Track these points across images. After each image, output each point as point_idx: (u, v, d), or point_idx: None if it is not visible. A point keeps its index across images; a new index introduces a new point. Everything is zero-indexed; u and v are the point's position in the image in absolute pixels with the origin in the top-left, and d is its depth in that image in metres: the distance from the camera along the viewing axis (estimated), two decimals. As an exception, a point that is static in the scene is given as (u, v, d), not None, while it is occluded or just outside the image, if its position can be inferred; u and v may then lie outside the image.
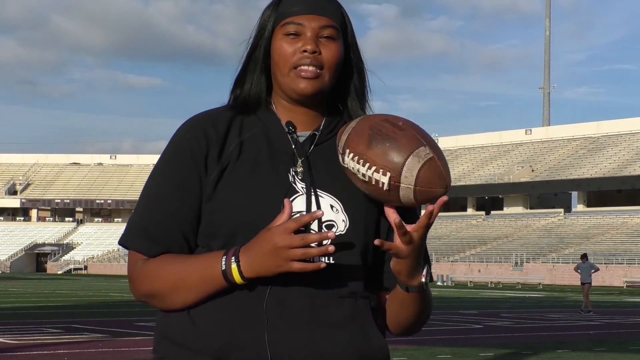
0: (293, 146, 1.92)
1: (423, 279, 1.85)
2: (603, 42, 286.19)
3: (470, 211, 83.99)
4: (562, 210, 76.52)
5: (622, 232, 67.46)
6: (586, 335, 16.85)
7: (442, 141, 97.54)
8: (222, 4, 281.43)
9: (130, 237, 1.89)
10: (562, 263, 60.41)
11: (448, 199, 1.77)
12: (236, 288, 1.81)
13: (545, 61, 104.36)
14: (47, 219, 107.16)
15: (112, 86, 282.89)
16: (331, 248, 1.69)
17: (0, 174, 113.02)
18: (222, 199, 1.85)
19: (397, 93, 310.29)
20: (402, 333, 1.99)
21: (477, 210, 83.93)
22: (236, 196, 1.85)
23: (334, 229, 1.85)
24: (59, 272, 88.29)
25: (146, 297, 1.88)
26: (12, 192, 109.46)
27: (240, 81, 1.99)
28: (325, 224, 1.85)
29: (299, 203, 1.85)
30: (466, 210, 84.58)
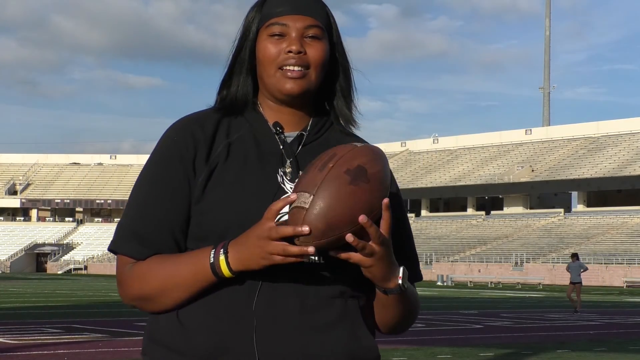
0: (281, 147, 1.92)
1: (399, 281, 1.83)
2: (603, 42, 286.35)
3: (470, 211, 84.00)
4: (562, 210, 76.53)
5: (622, 232, 67.46)
6: (586, 335, 16.84)
7: (442, 141, 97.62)
8: (222, 4, 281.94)
9: (119, 242, 1.87)
10: (562, 263, 60.33)
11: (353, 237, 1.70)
12: (225, 284, 1.79)
13: (545, 61, 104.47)
14: (47, 219, 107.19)
15: (112, 86, 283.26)
16: (311, 249, 1.68)
17: (0, 174, 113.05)
18: (211, 201, 1.84)
19: (397, 93, 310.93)
20: (390, 332, 1.98)
21: (477, 210, 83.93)
22: (225, 197, 1.84)
23: None
24: (59, 272, 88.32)
25: (136, 300, 1.87)
26: (12, 192, 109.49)
27: (226, 83, 1.98)
28: None
29: None
30: (466, 210, 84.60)
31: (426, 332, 16.63)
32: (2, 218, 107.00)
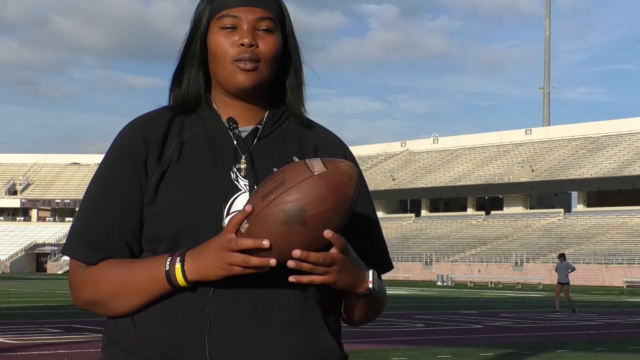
0: (235, 142, 1.88)
1: (370, 285, 1.81)
2: (603, 42, 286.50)
3: (470, 211, 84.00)
4: (562, 210, 76.53)
5: (622, 232, 67.48)
6: (586, 335, 16.85)
7: (442, 141, 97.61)
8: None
9: (71, 245, 1.84)
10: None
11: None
12: (179, 292, 1.77)
13: (545, 61, 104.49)
14: (47, 219, 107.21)
15: (112, 86, 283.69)
16: (272, 262, 1.66)
17: (0, 174, 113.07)
18: (164, 202, 1.81)
19: (397, 93, 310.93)
20: (357, 325, 1.98)
21: (477, 210, 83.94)
22: (177, 198, 1.80)
23: None
24: (59, 272, 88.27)
25: (88, 305, 1.84)
26: (12, 192, 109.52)
27: (177, 79, 1.94)
28: None
29: (241, 201, 1.79)
30: (466, 210, 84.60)
31: (426, 332, 16.64)
32: (2, 218, 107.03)
